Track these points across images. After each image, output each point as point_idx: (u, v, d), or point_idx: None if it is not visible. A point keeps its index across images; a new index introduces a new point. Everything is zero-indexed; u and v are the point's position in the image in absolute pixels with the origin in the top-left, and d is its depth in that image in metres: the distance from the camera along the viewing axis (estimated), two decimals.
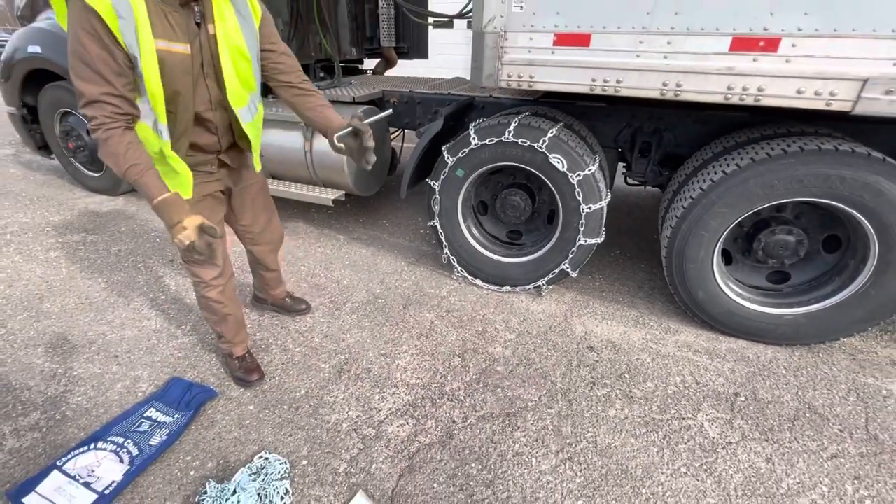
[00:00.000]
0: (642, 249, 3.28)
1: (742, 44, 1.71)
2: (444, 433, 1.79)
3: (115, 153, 1.23)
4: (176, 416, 1.79)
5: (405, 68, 4.87)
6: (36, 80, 3.80)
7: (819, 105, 1.71)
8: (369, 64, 4.65)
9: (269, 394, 1.95)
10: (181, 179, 1.47)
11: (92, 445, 1.63)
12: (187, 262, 1.72)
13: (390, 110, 1.60)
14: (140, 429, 1.72)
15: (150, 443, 1.66)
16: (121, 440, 1.66)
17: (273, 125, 3.16)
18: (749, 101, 1.79)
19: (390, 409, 1.89)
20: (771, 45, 1.68)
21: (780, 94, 1.74)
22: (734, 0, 1.67)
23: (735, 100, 1.81)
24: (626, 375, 2.10)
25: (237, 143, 1.64)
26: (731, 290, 2.29)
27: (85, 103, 1.21)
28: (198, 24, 1.34)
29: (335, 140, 1.53)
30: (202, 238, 1.28)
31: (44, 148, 4.33)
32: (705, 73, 1.79)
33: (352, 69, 4.59)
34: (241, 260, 2.89)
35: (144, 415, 1.79)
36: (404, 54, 4.58)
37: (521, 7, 1.96)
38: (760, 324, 2.26)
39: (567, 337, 2.36)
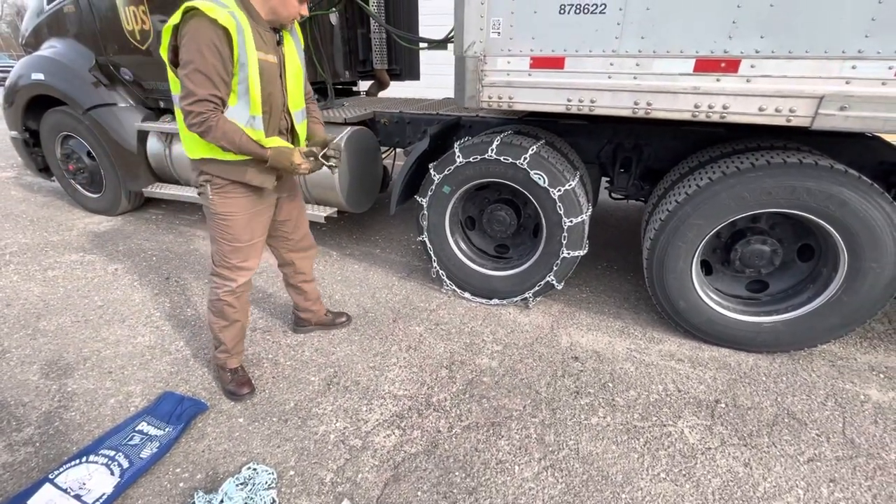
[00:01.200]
0: (628, 261, 3.35)
1: (705, 65, 1.82)
2: (429, 443, 1.82)
3: (226, 131, 1.54)
4: (167, 429, 1.82)
5: (398, 89, 5.02)
6: (38, 105, 3.93)
7: (780, 121, 1.80)
8: (364, 85, 4.80)
9: (259, 406, 1.99)
10: (267, 174, 1.76)
11: (84, 459, 1.67)
12: (217, 267, 1.88)
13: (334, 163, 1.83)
14: (131, 442, 1.76)
15: (141, 455, 1.70)
16: (112, 453, 1.70)
17: None
18: (715, 118, 1.88)
19: (377, 420, 1.93)
20: (731, 66, 1.78)
21: (743, 112, 1.84)
22: (695, 24, 1.78)
23: (702, 117, 1.90)
24: (610, 384, 2.15)
25: None
26: (712, 299, 2.35)
27: (193, 101, 1.47)
28: (278, 43, 1.71)
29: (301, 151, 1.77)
30: (309, 159, 1.73)
31: (45, 170, 4.44)
32: (673, 92, 1.90)
33: (346, 91, 4.74)
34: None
35: (136, 428, 1.83)
36: (397, 76, 4.73)
37: (499, 33, 2.08)
38: (741, 332, 2.32)
39: (553, 348, 2.41)
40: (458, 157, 2.51)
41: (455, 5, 2.11)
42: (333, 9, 3.60)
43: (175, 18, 1.47)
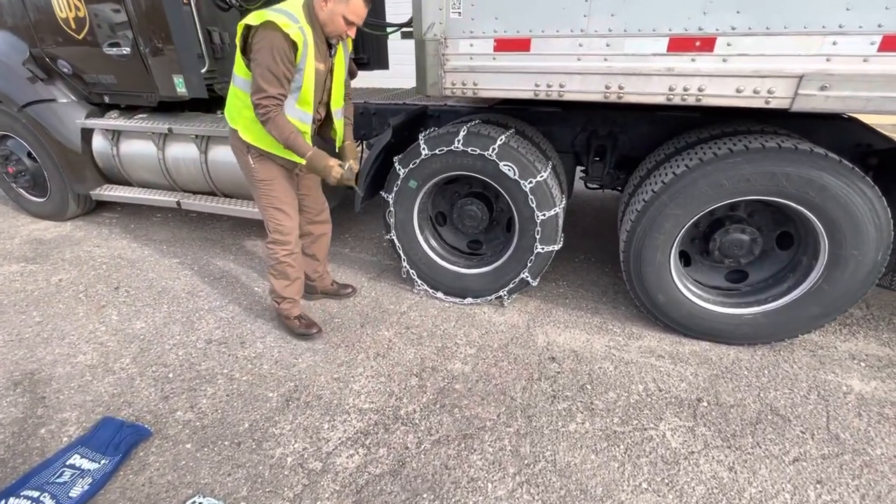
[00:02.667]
0: (606, 252, 3.26)
1: (679, 44, 1.69)
2: (396, 461, 1.68)
3: (280, 126, 1.82)
4: (103, 461, 1.64)
5: (366, 79, 4.80)
6: None
7: (758, 103, 1.69)
8: None
9: (209, 430, 1.82)
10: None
11: (1, 503, 1.48)
12: (273, 234, 2.17)
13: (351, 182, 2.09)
14: (60, 479, 1.57)
15: (71, 494, 1.51)
16: (36, 494, 1.51)
17: (224, 143, 3.05)
18: (691, 101, 1.77)
19: (340, 438, 1.78)
20: (707, 44, 1.66)
21: (720, 94, 1.72)
22: (668, 1, 1.64)
23: (677, 100, 1.78)
24: (588, 386, 2.04)
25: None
26: (691, 291, 2.26)
27: (263, 96, 1.76)
28: (331, 55, 1.97)
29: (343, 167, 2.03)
30: (343, 167, 1.99)
31: None
32: (646, 74, 1.77)
33: None
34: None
35: (67, 462, 1.64)
36: (364, 65, 4.51)
37: (459, 13, 1.91)
38: (721, 325, 2.23)
39: (528, 348, 2.29)
40: (424, 149, 2.35)
41: None
42: None
43: (252, 20, 1.72)
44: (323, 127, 2.22)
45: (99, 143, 3.48)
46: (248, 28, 1.76)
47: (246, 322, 2.51)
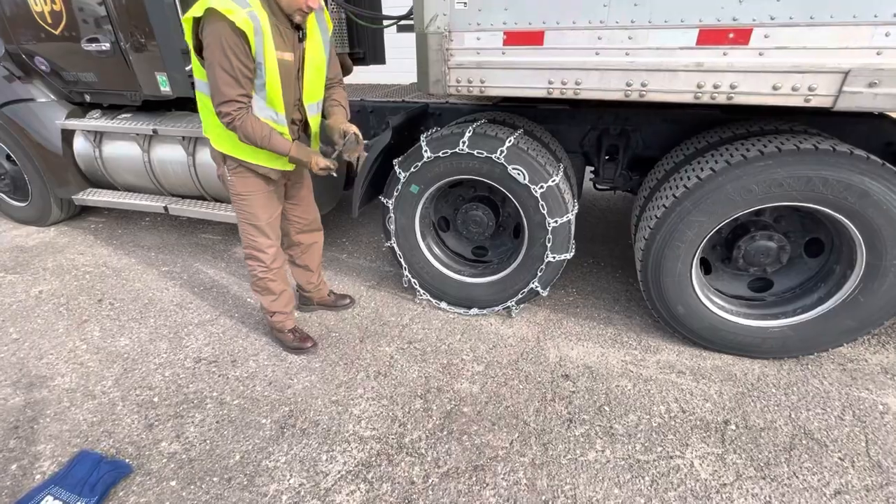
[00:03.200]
0: (616, 257, 3.11)
1: (710, 37, 1.53)
2: (401, 498, 1.54)
3: (252, 129, 1.61)
4: (78, 503, 1.49)
5: (363, 75, 4.61)
6: None
7: (797, 101, 1.54)
8: None
9: (196, 463, 1.67)
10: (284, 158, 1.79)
11: None
12: (247, 249, 2.02)
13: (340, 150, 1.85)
14: None
15: None
16: None
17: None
18: (721, 99, 1.61)
19: (339, 471, 1.64)
20: (741, 36, 1.50)
21: (754, 91, 1.56)
22: None
23: (706, 99, 1.62)
24: (606, 408, 1.90)
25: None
26: (713, 303, 2.11)
27: (222, 101, 1.56)
28: (300, 40, 1.68)
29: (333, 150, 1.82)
30: (326, 158, 1.76)
31: None
32: (672, 70, 1.61)
33: None
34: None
35: None
36: (360, 60, 4.32)
37: (465, 4, 1.74)
38: (746, 338, 2.09)
39: (540, 365, 2.14)
40: (426, 151, 2.18)
41: None
42: None
43: (195, 11, 1.49)
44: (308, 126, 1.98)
45: (81, 144, 3.30)
46: (196, 22, 1.53)
47: (238, 337, 2.35)
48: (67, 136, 3.29)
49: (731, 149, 1.88)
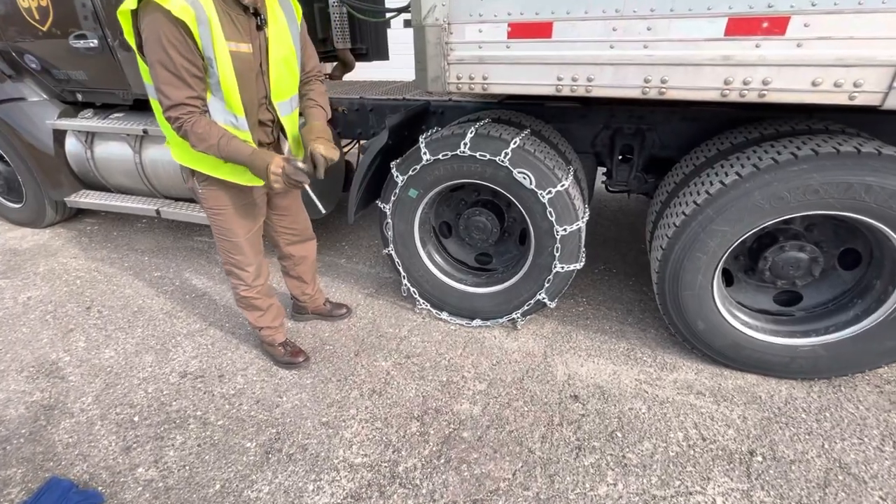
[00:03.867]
0: (629, 263, 2.94)
1: (740, 26, 1.35)
2: None
3: (204, 134, 1.39)
4: None
5: (366, 71, 4.47)
6: None
7: (840, 99, 1.36)
8: (326, 68, 4.25)
9: (173, 493, 1.55)
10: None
11: None
12: (226, 266, 1.86)
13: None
14: None
15: None
16: None
17: None
18: (751, 97, 1.44)
19: None
20: (777, 25, 1.33)
21: (789, 88, 1.39)
22: None
23: (734, 96, 1.45)
24: (619, 434, 1.74)
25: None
26: (736, 318, 1.94)
27: (170, 106, 1.35)
28: (258, 28, 1.47)
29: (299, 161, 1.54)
30: (289, 165, 1.46)
31: None
32: (696, 64, 1.44)
33: None
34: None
35: None
36: (363, 56, 4.18)
37: None
38: (772, 357, 1.92)
39: (547, 384, 1.99)
40: (425, 153, 2.04)
41: None
42: None
43: (129, 2, 1.30)
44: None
45: (72, 145, 3.20)
46: (134, 15, 1.33)
47: (227, 349, 2.23)
48: (59, 136, 3.20)
49: (760, 151, 1.70)
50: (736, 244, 1.77)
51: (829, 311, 1.90)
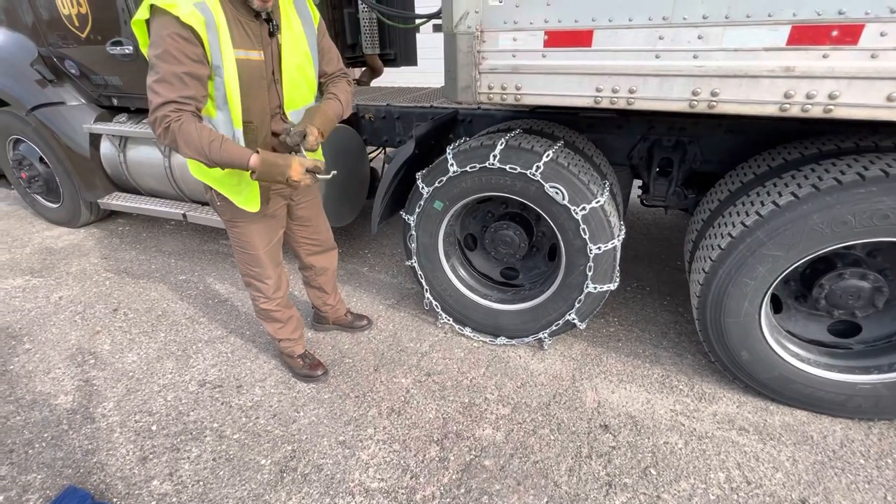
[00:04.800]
0: (663, 281, 2.78)
1: (806, 35, 1.23)
2: None
3: (191, 136, 1.26)
4: None
5: (394, 76, 4.45)
6: None
7: None
8: (355, 73, 4.25)
9: None
10: (251, 190, 1.52)
11: None
12: (245, 277, 1.83)
13: (333, 173, 1.50)
14: None
15: None
16: None
17: None
18: (816, 112, 1.30)
19: None
20: (849, 34, 1.19)
21: (861, 103, 1.25)
22: None
23: (795, 111, 1.32)
24: (653, 470, 1.61)
25: None
26: (786, 349, 1.79)
27: (159, 104, 1.24)
28: (271, 34, 1.41)
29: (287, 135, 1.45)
30: (309, 172, 1.41)
31: (2, 178, 4.02)
32: (753, 76, 1.31)
33: None
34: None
35: None
36: (391, 61, 4.16)
37: (501, 0, 1.51)
38: (825, 393, 1.76)
39: (575, 411, 1.88)
40: (452, 165, 1.96)
41: None
42: None
43: (141, 13, 1.27)
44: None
45: (107, 148, 3.27)
46: (145, 27, 1.29)
47: (246, 359, 2.21)
48: (95, 139, 3.27)
49: (819, 170, 1.55)
50: (788, 270, 1.63)
51: (893, 345, 1.73)
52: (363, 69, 4.13)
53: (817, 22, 1.20)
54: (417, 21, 2.84)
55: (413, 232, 2.21)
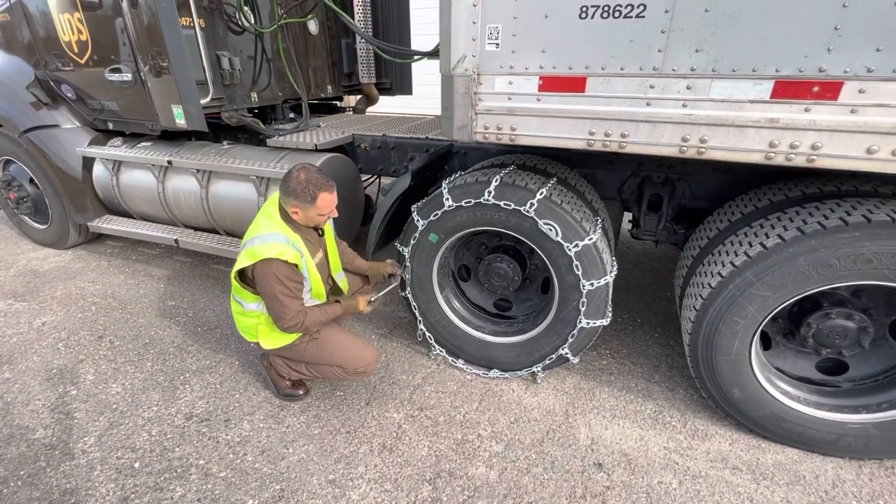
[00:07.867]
0: (654, 313, 2.81)
1: (789, 89, 1.29)
2: None
3: (314, 320, 1.84)
4: None
5: (389, 104, 4.53)
6: None
7: None
8: (351, 100, 4.32)
9: None
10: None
11: None
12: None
13: (397, 282, 2.18)
14: None
15: None
16: None
17: (229, 178, 2.78)
18: (799, 161, 1.35)
19: None
20: (829, 90, 1.25)
21: (842, 154, 1.30)
22: (777, 32, 1.25)
23: (779, 160, 1.37)
24: None
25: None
26: (776, 387, 1.80)
27: (290, 318, 1.76)
28: (320, 235, 1.98)
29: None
30: (371, 305, 2.00)
31: None
32: (739, 125, 1.37)
33: (330, 107, 4.26)
34: None
35: None
36: (387, 90, 4.24)
37: (497, 45, 1.56)
38: (816, 432, 1.77)
39: (569, 448, 1.86)
40: (447, 199, 1.99)
41: (440, 7, 1.60)
42: (310, 16, 3.13)
43: (244, 261, 1.75)
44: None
45: (100, 171, 3.26)
46: (250, 267, 1.77)
47: (235, 390, 2.17)
48: (88, 162, 3.26)
49: (804, 213, 1.60)
50: (777, 310, 1.66)
51: (880, 384, 1.76)
52: (359, 97, 4.21)
53: (799, 78, 1.27)
54: (415, 58, 2.91)
55: (408, 263, 2.21)
